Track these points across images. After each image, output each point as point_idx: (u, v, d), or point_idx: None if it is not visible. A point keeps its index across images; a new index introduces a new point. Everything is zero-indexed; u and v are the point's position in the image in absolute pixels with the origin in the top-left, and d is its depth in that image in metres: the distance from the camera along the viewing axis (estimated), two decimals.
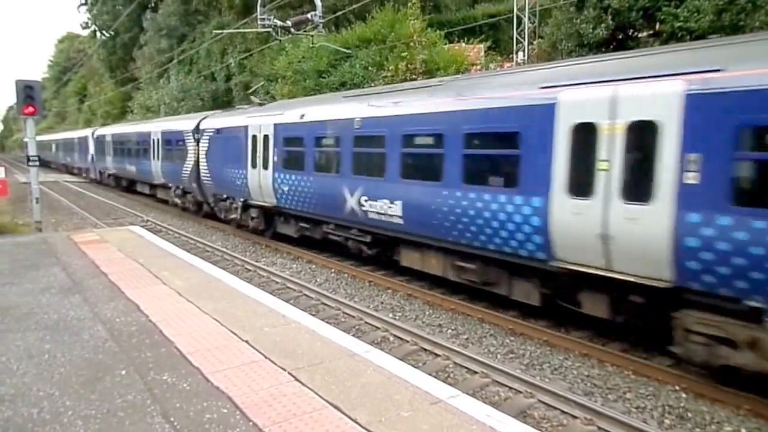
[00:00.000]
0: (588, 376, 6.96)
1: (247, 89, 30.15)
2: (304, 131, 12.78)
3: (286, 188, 13.38)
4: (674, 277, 6.28)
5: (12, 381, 4.75)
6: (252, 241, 15.89)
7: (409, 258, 10.57)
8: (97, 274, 8.52)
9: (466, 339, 8.27)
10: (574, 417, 5.89)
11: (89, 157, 36.39)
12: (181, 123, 20.75)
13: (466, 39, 24.99)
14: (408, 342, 8.07)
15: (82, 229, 16.57)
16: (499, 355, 7.67)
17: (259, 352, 5.43)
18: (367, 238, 11.38)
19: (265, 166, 14.24)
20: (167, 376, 4.85)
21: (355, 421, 4.09)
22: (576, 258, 7.25)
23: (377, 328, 8.65)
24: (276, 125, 13.90)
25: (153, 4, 47.98)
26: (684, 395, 6.43)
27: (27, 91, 13.41)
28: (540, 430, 5.69)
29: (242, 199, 15.75)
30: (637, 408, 6.19)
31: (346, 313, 9.38)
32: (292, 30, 22.29)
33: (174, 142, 20.69)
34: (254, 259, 13.66)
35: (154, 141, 22.75)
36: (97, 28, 60.43)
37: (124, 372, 4.92)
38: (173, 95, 37.66)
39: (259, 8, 22.35)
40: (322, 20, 22.21)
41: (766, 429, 5.78)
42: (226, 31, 29.83)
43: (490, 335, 8.38)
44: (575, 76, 7.42)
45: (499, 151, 8.57)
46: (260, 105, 16.93)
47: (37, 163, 14.54)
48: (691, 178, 6.03)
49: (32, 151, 14.28)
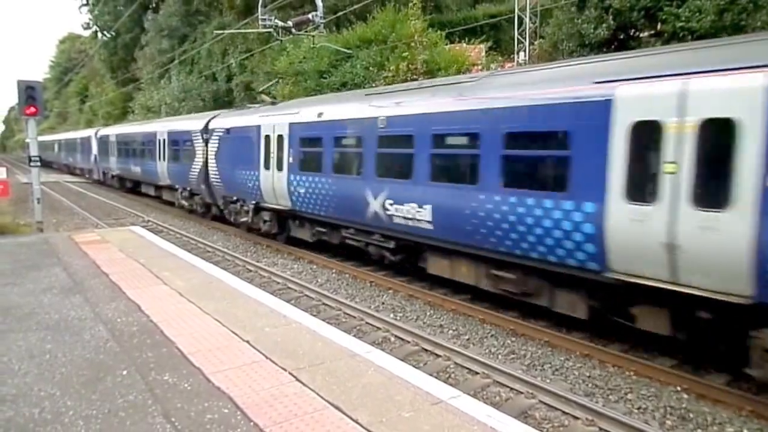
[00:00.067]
0: (589, 377, 6.95)
1: (249, 89, 30.21)
2: (323, 131, 12.15)
3: (302, 191, 12.79)
4: (755, 292, 5.64)
5: (13, 381, 4.76)
6: (253, 241, 15.88)
7: (437, 265, 9.94)
8: (98, 275, 8.53)
9: (468, 339, 8.27)
10: (576, 418, 5.88)
11: (92, 158, 35.88)
12: (189, 123, 20.13)
13: (467, 39, 25.02)
14: (409, 342, 8.06)
15: (83, 229, 16.59)
16: (500, 356, 7.66)
17: (260, 352, 5.44)
18: (391, 244, 10.75)
19: (280, 168, 13.63)
20: (168, 376, 4.85)
21: (356, 422, 4.09)
22: (634, 269, 6.60)
23: (378, 329, 8.65)
24: (291, 124, 13.28)
25: (154, 5, 48.10)
26: (686, 396, 6.41)
27: (28, 92, 13.45)
28: (541, 431, 5.69)
29: (254, 202, 15.15)
30: (638, 409, 6.18)
31: (347, 314, 9.38)
32: (293, 30, 22.31)
33: (181, 143, 20.13)
34: (255, 259, 13.66)
35: (160, 141, 22.22)
36: (98, 29, 60.72)
37: (125, 372, 4.92)
38: (174, 95, 37.71)
39: (260, 8, 22.37)
40: (323, 20, 22.24)
41: None
42: (227, 32, 29.84)
43: (491, 336, 8.37)
44: (635, 70, 6.73)
45: (544, 152, 7.86)
46: (273, 104, 16.24)
47: (39, 164, 14.56)
48: None
49: (33, 152, 14.33)
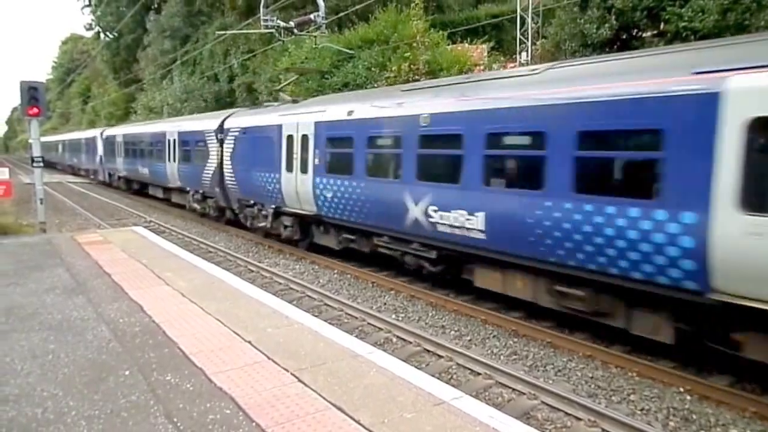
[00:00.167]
0: (592, 378, 6.93)
1: (251, 90, 30.24)
2: (353, 130, 11.19)
3: (329, 195, 11.85)
4: None
5: (16, 381, 4.77)
6: (255, 242, 15.89)
7: (487, 279, 9.07)
8: (101, 275, 8.55)
9: (470, 340, 8.26)
10: (578, 419, 5.87)
11: (97, 159, 35.13)
12: (202, 122, 19.11)
13: (469, 39, 25.03)
14: (411, 343, 8.06)
15: (86, 229, 16.62)
16: (502, 357, 7.65)
17: (262, 353, 5.44)
18: (432, 254, 9.80)
19: (304, 170, 12.69)
20: (170, 376, 4.86)
21: (358, 423, 4.09)
22: (748, 290, 5.73)
23: (380, 329, 8.64)
24: (317, 123, 12.31)
25: (156, 6, 48.21)
26: (689, 397, 6.39)
27: (31, 93, 13.49)
28: None
29: (273, 206, 14.25)
30: (641, 410, 6.16)
31: (349, 314, 9.37)
32: (295, 31, 22.31)
33: (193, 143, 19.16)
34: (257, 260, 13.67)
35: (170, 141, 21.31)
36: (100, 30, 60.94)
37: (127, 372, 4.93)
38: (176, 96, 37.75)
39: (261, 9, 22.39)
40: (325, 21, 22.24)
41: None
42: (229, 32, 29.89)
43: (494, 336, 8.36)
44: (751, 57, 5.76)
45: (629, 153, 6.99)
46: (294, 102, 15.05)
47: (42, 164, 14.58)
48: None
49: (36, 152, 14.35)
